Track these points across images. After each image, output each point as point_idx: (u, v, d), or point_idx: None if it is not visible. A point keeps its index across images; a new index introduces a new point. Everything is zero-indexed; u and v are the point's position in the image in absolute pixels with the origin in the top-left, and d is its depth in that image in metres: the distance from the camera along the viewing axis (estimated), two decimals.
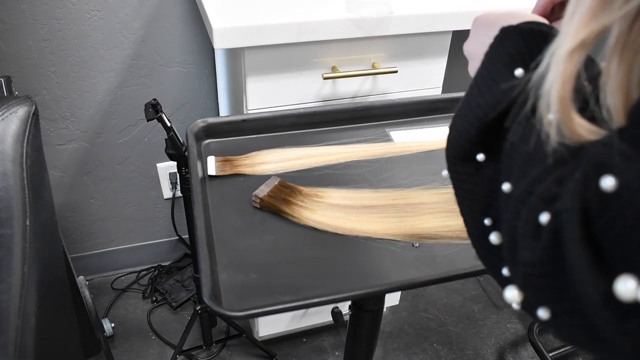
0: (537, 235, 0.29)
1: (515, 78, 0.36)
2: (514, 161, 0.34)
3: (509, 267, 0.33)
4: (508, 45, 0.39)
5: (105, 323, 1.43)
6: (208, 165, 0.72)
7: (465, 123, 0.39)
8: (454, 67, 1.40)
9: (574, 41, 0.28)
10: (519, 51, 0.38)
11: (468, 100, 0.40)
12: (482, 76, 0.40)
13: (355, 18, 0.93)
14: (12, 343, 0.51)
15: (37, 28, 1.16)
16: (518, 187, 0.32)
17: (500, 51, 0.39)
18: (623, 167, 0.24)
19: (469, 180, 0.39)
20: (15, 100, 0.62)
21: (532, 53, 0.37)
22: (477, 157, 0.38)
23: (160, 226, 1.62)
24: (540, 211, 0.29)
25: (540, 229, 0.28)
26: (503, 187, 0.34)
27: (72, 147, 1.36)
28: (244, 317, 0.51)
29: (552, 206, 0.28)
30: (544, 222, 0.28)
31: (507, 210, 0.33)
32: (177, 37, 1.27)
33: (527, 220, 0.30)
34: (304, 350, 1.48)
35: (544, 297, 0.29)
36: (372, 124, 0.84)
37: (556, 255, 0.27)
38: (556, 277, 0.28)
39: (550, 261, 0.28)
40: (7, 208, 0.57)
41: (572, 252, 0.26)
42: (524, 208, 0.31)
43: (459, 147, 0.39)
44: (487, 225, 0.37)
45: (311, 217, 0.65)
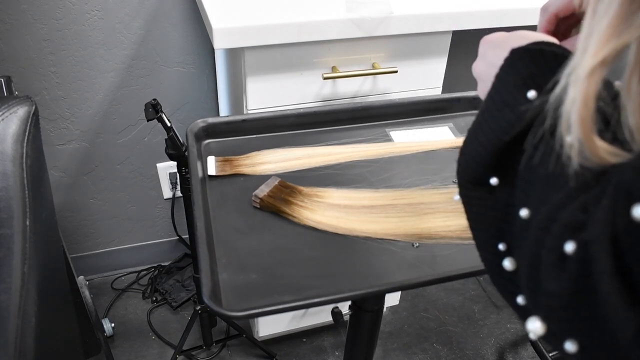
0: (563, 264, 0.28)
1: (528, 100, 0.36)
2: (531, 186, 0.33)
3: (527, 296, 0.32)
4: (519, 66, 0.38)
5: (105, 323, 1.43)
6: (208, 165, 0.72)
7: (477, 147, 0.38)
8: (454, 67, 1.40)
9: (594, 60, 0.27)
10: (530, 73, 0.37)
11: (480, 124, 0.39)
12: (494, 99, 0.39)
13: (355, 18, 0.93)
14: (12, 343, 0.51)
15: (37, 28, 1.16)
16: (538, 213, 0.31)
17: (511, 73, 0.38)
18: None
19: (482, 205, 0.38)
20: (15, 100, 0.62)
21: (544, 74, 0.36)
22: (490, 181, 0.37)
23: (160, 226, 1.62)
24: (565, 240, 0.28)
25: (566, 259, 0.28)
26: (521, 213, 0.33)
27: (72, 147, 1.36)
28: (244, 317, 0.51)
29: (578, 235, 0.27)
30: (569, 251, 0.27)
31: (526, 237, 0.32)
32: (177, 37, 1.27)
33: (552, 249, 0.29)
34: (304, 350, 1.48)
35: (571, 329, 0.28)
36: (372, 124, 0.84)
37: (585, 286, 0.26)
38: (585, 309, 0.27)
39: (578, 292, 0.27)
40: (7, 208, 0.57)
41: (602, 284, 0.25)
42: (547, 236, 0.30)
43: (472, 171, 0.38)
44: (501, 250, 0.36)
45: (311, 217, 0.65)
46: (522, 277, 0.33)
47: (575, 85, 0.28)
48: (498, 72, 0.39)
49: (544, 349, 1.42)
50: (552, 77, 0.35)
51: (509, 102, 0.37)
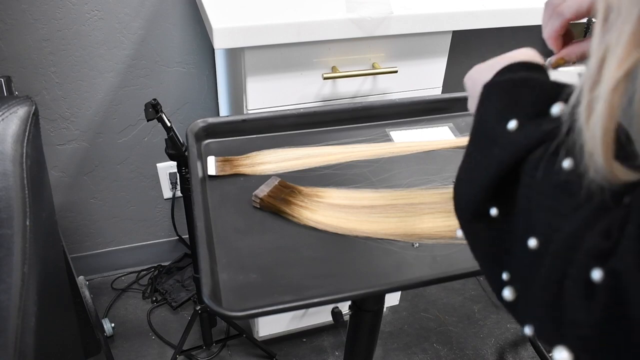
0: (591, 294, 0.27)
1: (510, 132, 0.36)
2: (534, 214, 0.33)
3: (544, 327, 0.32)
4: (493, 101, 0.38)
5: (105, 323, 1.43)
6: (208, 165, 0.72)
7: (471, 185, 0.38)
8: (454, 67, 1.40)
9: (618, 72, 0.27)
10: (505, 104, 0.37)
11: (469, 162, 0.39)
12: (478, 136, 0.39)
13: (355, 18, 0.93)
14: (12, 343, 0.51)
15: (37, 28, 1.16)
16: (551, 241, 0.31)
17: (487, 109, 0.39)
18: None
19: (484, 237, 0.38)
20: (15, 100, 0.62)
21: (519, 103, 0.36)
22: (490, 213, 0.37)
23: (160, 226, 1.62)
24: (591, 268, 0.27)
25: (594, 288, 0.27)
26: (529, 244, 0.32)
27: (72, 147, 1.36)
28: (244, 317, 0.51)
29: (605, 263, 0.27)
30: (597, 280, 0.27)
31: (539, 267, 0.32)
32: (177, 37, 1.27)
33: (577, 279, 0.28)
34: (304, 350, 1.48)
35: (603, 357, 0.28)
36: (372, 124, 0.84)
37: (618, 315, 0.26)
38: (619, 338, 0.26)
39: (610, 321, 0.27)
40: (7, 208, 0.57)
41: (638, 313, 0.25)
42: (570, 265, 0.29)
43: (470, 206, 0.39)
44: (505, 280, 0.36)
45: (311, 217, 0.65)
46: (531, 307, 0.33)
47: (599, 99, 0.28)
48: (475, 111, 0.40)
49: (544, 349, 1.42)
50: (526, 103, 0.36)
51: (494, 138, 0.37)
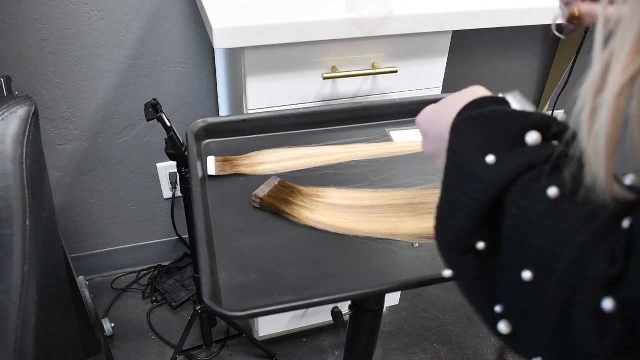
0: (602, 324, 0.27)
1: (488, 166, 0.36)
2: (526, 245, 0.32)
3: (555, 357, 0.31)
4: (468, 136, 0.38)
5: (105, 323, 1.43)
6: (208, 165, 0.72)
7: (455, 222, 0.38)
8: (454, 67, 1.40)
9: (624, 77, 0.27)
10: (481, 138, 0.37)
11: (450, 202, 0.39)
12: (455, 174, 0.38)
13: (355, 18, 0.93)
14: (12, 343, 0.51)
15: (37, 28, 1.16)
16: (553, 271, 0.30)
17: (462, 144, 0.38)
18: None
19: (473, 270, 0.38)
20: (15, 100, 0.62)
21: (495, 136, 0.37)
22: (477, 247, 0.37)
23: (160, 226, 1.62)
24: (601, 297, 0.27)
25: (605, 317, 0.27)
26: (523, 276, 0.32)
27: (72, 147, 1.36)
28: (244, 317, 0.51)
29: (615, 291, 0.27)
30: (609, 309, 0.26)
31: (538, 299, 0.31)
32: (177, 37, 1.27)
33: (586, 309, 0.28)
34: (304, 350, 1.47)
35: None
36: (372, 124, 0.84)
37: (632, 344, 0.26)
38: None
39: (625, 351, 0.26)
40: (7, 208, 0.57)
41: None
42: (577, 296, 0.28)
43: (456, 244, 0.38)
44: (499, 312, 0.36)
45: (311, 217, 0.65)
46: (534, 340, 0.32)
47: (603, 105, 0.28)
48: (450, 147, 0.39)
49: None
50: (502, 135, 0.36)
51: (473, 174, 0.36)
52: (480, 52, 1.46)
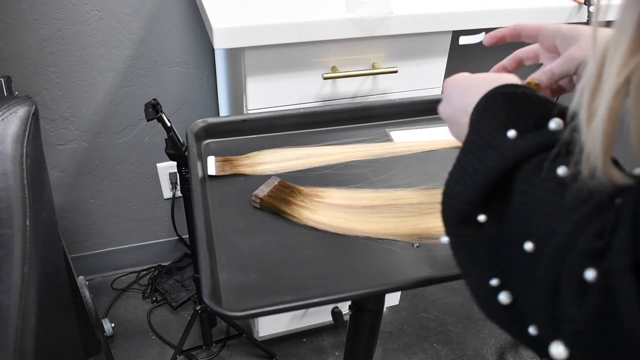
0: (584, 291, 0.29)
1: (509, 140, 0.38)
2: (531, 219, 0.34)
3: (546, 324, 0.32)
4: (496, 109, 0.40)
5: (105, 323, 1.43)
6: (208, 165, 0.72)
7: (464, 188, 0.39)
8: (454, 67, 1.40)
9: (619, 79, 0.28)
10: (507, 114, 0.39)
11: (464, 167, 0.40)
12: (475, 142, 0.40)
13: (355, 18, 0.93)
14: (12, 343, 0.51)
15: (37, 28, 1.16)
16: (548, 243, 0.32)
17: (488, 116, 0.40)
18: None
19: (471, 242, 0.39)
20: (15, 100, 0.62)
21: (520, 114, 0.39)
22: (478, 219, 0.38)
23: (160, 226, 1.62)
24: (584, 267, 0.29)
25: (587, 286, 0.28)
26: (525, 247, 0.34)
27: (72, 147, 1.36)
28: (244, 317, 0.51)
29: (598, 263, 0.28)
30: (590, 279, 0.28)
31: (535, 269, 0.33)
32: (177, 37, 1.27)
33: (571, 277, 0.30)
34: (304, 350, 1.48)
35: (595, 355, 0.28)
36: (372, 124, 0.84)
37: (608, 313, 0.27)
38: (609, 336, 0.27)
39: (602, 319, 0.27)
40: (7, 208, 0.57)
41: (627, 312, 0.26)
42: (565, 265, 0.30)
43: (459, 210, 0.39)
44: (494, 285, 0.37)
45: (311, 217, 0.65)
46: (531, 307, 0.34)
47: (600, 105, 0.29)
48: (475, 117, 0.41)
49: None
50: (527, 116, 0.39)
51: (492, 144, 0.38)
52: (480, 52, 1.46)
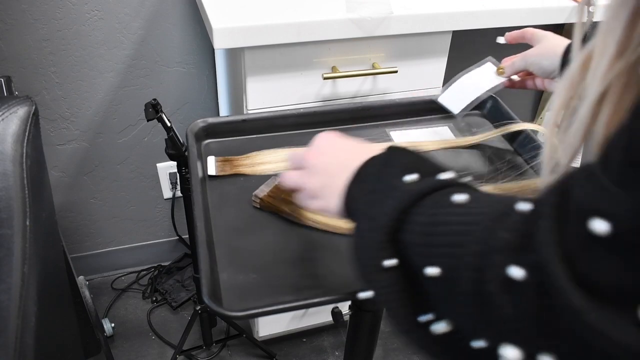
0: (513, 291, 0.29)
1: (410, 182, 0.41)
2: (436, 245, 0.35)
3: (489, 334, 0.32)
4: (397, 160, 0.43)
5: (105, 323, 1.43)
6: (208, 165, 0.72)
7: (373, 233, 0.40)
8: (454, 67, 1.40)
9: (602, 85, 0.28)
10: (405, 164, 0.42)
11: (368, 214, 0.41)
12: (376, 190, 0.42)
13: (355, 18, 0.93)
14: (12, 343, 0.51)
15: (37, 28, 1.16)
16: (460, 259, 0.33)
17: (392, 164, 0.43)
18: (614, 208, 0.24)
19: (390, 288, 0.40)
20: (15, 100, 0.62)
21: (418, 165, 0.42)
22: (388, 264, 0.39)
23: (160, 226, 1.62)
24: (505, 265, 0.29)
25: (514, 284, 0.29)
26: (427, 272, 0.35)
27: (72, 147, 1.36)
28: (244, 317, 0.51)
29: (523, 259, 0.29)
30: (517, 276, 0.28)
31: (450, 288, 0.34)
32: (177, 37, 1.27)
33: (495, 281, 0.30)
34: (304, 350, 1.47)
35: (543, 345, 0.28)
36: (372, 124, 0.84)
37: (545, 305, 0.27)
38: (553, 324, 0.27)
39: (542, 313, 0.28)
40: (7, 208, 0.57)
41: (568, 300, 0.26)
42: (485, 273, 0.31)
43: (372, 260, 0.40)
44: (423, 321, 0.38)
45: (311, 217, 0.65)
46: (469, 325, 0.34)
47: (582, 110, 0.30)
48: (373, 169, 0.44)
49: None
50: (424, 165, 0.43)
51: (396, 186, 0.41)
52: (480, 52, 1.46)
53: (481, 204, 0.35)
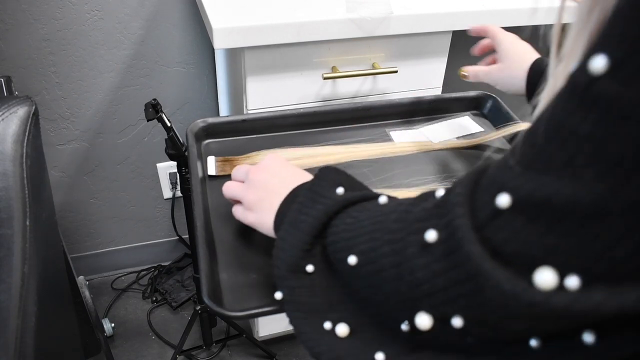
0: (425, 252, 0.32)
1: (339, 194, 0.44)
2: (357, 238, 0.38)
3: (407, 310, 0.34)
4: (328, 177, 0.46)
5: (105, 323, 1.43)
6: (208, 165, 0.72)
7: (294, 237, 0.43)
8: (454, 67, 1.40)
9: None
10: (334, 180, 0.46)
11: (296, 218, 0.44)
12: (307, 197, 0.45)
13: (355, 18, 0.93)
14: (12, 343, 0.51)
15: (37, 28, 1.16)
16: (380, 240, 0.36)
17: (325, 179, 0.46)
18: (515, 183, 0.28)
19: (303, 293, 0.42)
20: (15, 100, 0.62)
21: (346, 182, 0.46)
22: (307, 268, 0.42)
23: (160, 226, 1.62)
24: (424, 230, 0.32)
25: (427, 246, 0.32)
26: (349, 260, 0.38)
27: (72, 147, 1.36)
28: (244, 317, 0.51)
29: (437, 222, 0.32)
30: (432, 239, 0.32)
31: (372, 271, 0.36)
32: (177, 37, 1.27)
33: (412, 244, 0.33)
34: (304, 350, 1.47)
35: (452, 307, 0.31)
36: (372, 124, 0.84)
37: (455, 262, 0.30)
38: (461, 285, 0.30)
39: (450, 270, 0.30)
40: (7, 208, 0.57)
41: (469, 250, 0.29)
42: (406, 239, 0.34)
43: (292, 259, 0.42)
44: (328, 329, 0.40)
45: None
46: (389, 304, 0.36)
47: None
48: (313, 180, 0.47)
49: None
50: (351, 182, 0.47)
51: (325, 195, 0.44)
52: None
53: (401, 199, 0.39)
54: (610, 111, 0.24)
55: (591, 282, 0.26)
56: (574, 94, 0.25)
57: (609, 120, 0.24)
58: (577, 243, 0.26)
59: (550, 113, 0.27)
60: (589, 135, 0.24)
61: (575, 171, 0.25)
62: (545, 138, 0.27)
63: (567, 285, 0.26)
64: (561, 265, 0.26)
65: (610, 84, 0.24)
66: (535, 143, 0.27)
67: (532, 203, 0.27)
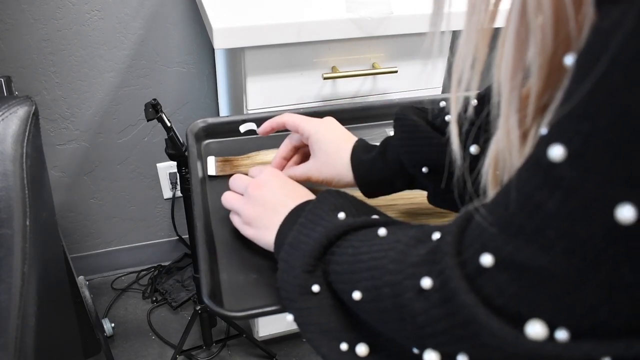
0: (424, 297, 0.32)
1: (338, 218, 0.45)
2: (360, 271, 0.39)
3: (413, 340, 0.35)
4: (329, 200, 0.47)
5: (105, 323, 1.43)
6: (208, 165, 0.72)
7: (300, 256, 0.43)
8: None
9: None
10: (335, 204, 0.47)
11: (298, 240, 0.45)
12: (308, 219, 0.46)
13: (355, 18, 0.93)
14: (12, 343, 0.51)
15: (37, 28, 1.16)
16: (380, 279, 0.36)
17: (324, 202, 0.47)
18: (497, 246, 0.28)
19: (315, 312, 0.43)
20: (15, 100, 0.62)
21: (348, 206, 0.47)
22: (312, 289, 0.43)
23: (160, 226, 1.62)
24: (419, 277, 0.33)
25: (424, 292, 0.32)
26: (354, 295, 0.39)
27: (72, 147, 1.36)
28: (244, 317, 0.51)
29: (431, 269, 0.33)
30: (426, 285, 0.32)
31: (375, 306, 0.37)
32: (177, 37, 1.27)
33: (409, 289, 0.34)
34: (304, 350, 1.47)
35: (457, 347, 0.31)
36: (372, 124, 0.84)
37: (450, 310, 0.31)
38: (455, 327, 0.30)
39: (446, 317, 0.31)
40: (7, 208, 0.57)
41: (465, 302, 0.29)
42: (404, 282, 0.34)
43: (296, 280, 0.43)
44: (345, 350, 0.41)
45: None
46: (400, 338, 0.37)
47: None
48: (314, 203, 0.47)
49: None
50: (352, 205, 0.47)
51: (326, 219, 0.45)
52: None
53: (399, 235, 0.39)
54: (573, 195, 0.24)
55: (579, 335, 0.26)
56: (539, 168, 0.26)
57: (573, 204, 0.24)
58: (561, 304, 0.26)
59: (519, 179, 0.27)
60: (556, 214, 0.25)
61: (546, 242, 0.26)
62: (516, 205, 0.27)
63: (557, 337, 0.26)
64: (549, 321, 0.27)
65: (571, 171, 0.24)
66: (508, 206, 0.28)
67: (513, 265, 0.27)
